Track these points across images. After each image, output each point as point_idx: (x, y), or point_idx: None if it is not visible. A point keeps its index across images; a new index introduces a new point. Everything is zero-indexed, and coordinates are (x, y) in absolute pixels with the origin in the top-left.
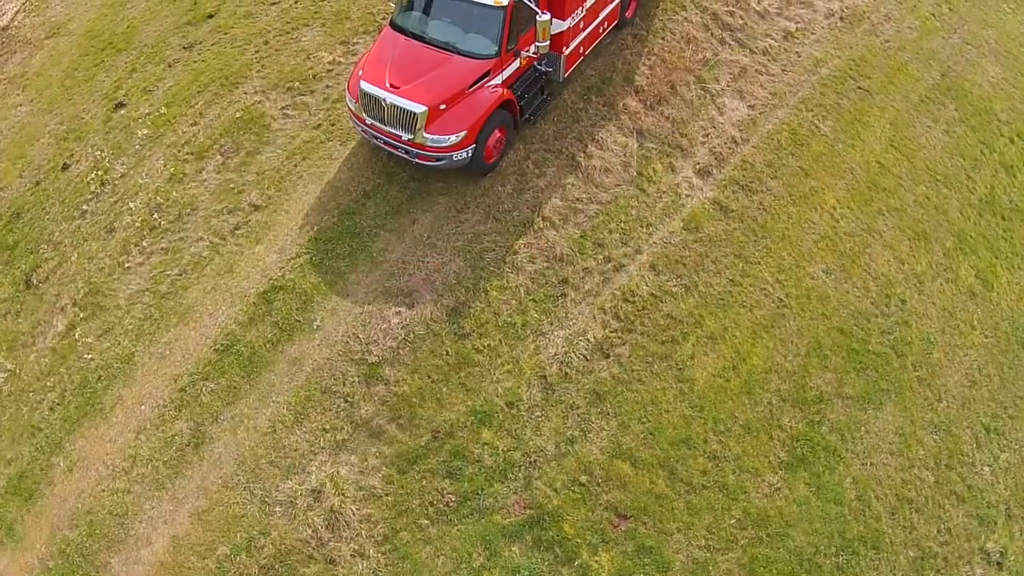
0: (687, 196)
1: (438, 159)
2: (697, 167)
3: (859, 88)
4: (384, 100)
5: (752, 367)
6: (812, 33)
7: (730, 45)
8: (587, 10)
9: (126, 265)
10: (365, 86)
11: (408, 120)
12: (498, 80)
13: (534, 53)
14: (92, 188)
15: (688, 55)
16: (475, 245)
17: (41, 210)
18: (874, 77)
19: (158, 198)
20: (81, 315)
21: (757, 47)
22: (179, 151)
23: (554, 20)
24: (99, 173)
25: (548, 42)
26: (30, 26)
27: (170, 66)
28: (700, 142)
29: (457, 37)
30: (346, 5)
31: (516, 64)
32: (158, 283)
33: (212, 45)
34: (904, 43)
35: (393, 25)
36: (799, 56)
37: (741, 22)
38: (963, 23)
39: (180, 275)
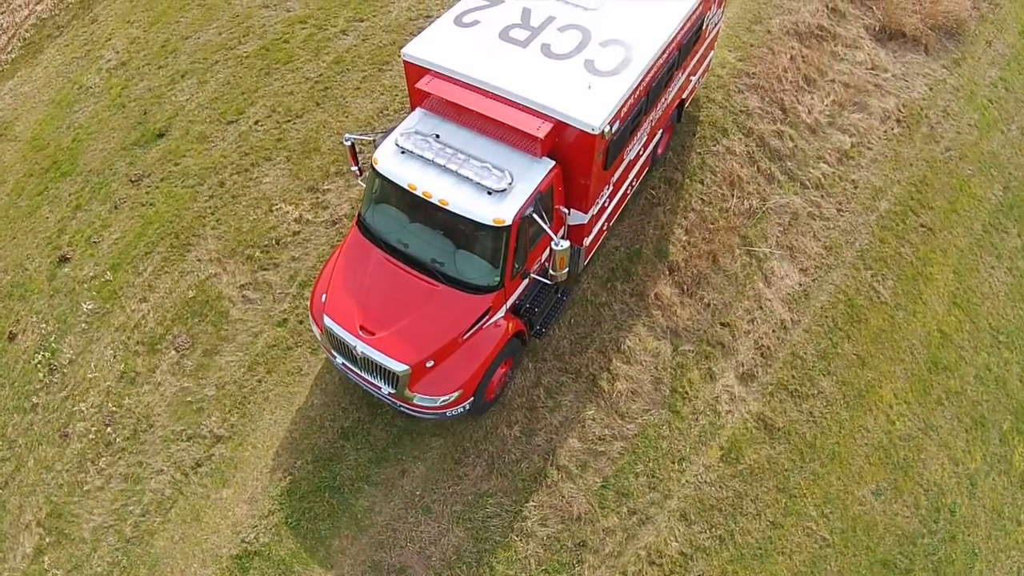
0: (727, 412)
1: (427, 415)
2: (740, 370)
3: (921, 226)
4: (355, 348)
5: None
6: (869, 148)
7: (779, 182)
8: (614, 183)
9: (85, 487)
10: (330, 324)
11: (387, 375)
12: (501, 312)
13: (547, 276)
14: (41, 375)
15: (732, 205)
16: (477, 510)
17: None
18: (936, 206)
19: (110, 404)
20: (48, 540)
21: (809, 179)
22: (128, 338)
23: (573, 212)
24: (46, 355)
25: (567, 270)
26: None
27: (116, 207)
28: (744, 332)
29: (446, 256)
30: (315, 131)
31: (523, 284)
32: (122, 520)
33: (162, 180)
34: (965, 148)
35: (362, 226)
36: (855, 188)
37: (791, 145)
38: (1019, 106)
39: (143, 516)
